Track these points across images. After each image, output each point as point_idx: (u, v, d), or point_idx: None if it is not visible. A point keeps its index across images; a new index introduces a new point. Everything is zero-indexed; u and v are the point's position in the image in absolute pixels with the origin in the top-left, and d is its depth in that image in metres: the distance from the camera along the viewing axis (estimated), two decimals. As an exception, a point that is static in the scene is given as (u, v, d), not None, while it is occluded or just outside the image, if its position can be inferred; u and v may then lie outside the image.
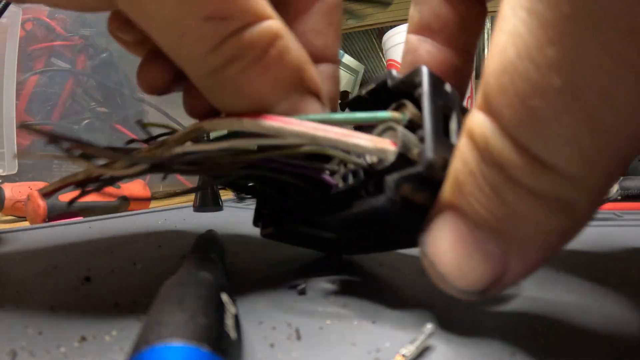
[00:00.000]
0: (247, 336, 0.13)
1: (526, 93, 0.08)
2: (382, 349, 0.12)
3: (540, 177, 0.09)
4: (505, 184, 0.09)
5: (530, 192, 0.09)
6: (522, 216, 0.09)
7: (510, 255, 0.10)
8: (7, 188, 0.50)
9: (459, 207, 0.11)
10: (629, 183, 0.47)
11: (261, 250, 0.25)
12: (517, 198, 0.09)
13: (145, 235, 0.32)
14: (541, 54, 0.08)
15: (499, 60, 0.09)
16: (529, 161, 0.09)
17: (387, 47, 0.88)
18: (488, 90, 0.09)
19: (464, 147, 0.10)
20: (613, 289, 0.17)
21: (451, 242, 0.11)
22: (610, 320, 0.14)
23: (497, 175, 0.09)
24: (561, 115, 0.08)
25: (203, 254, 0.17)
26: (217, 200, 0.49)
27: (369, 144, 0.12)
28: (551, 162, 0.09)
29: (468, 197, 0.10)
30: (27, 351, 0.12)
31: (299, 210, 0.18)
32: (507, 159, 0.09)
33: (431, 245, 0.12)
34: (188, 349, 0.09)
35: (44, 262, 0.23)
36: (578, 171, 0.09)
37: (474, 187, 0.10)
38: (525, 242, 0.10)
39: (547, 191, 0.09)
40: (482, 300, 0.11)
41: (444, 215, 0.11)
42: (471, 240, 0.10)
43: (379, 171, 0.13)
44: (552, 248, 0.10)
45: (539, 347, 0.12)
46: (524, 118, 0.08)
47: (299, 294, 0.17)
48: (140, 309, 0.16)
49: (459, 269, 0.11)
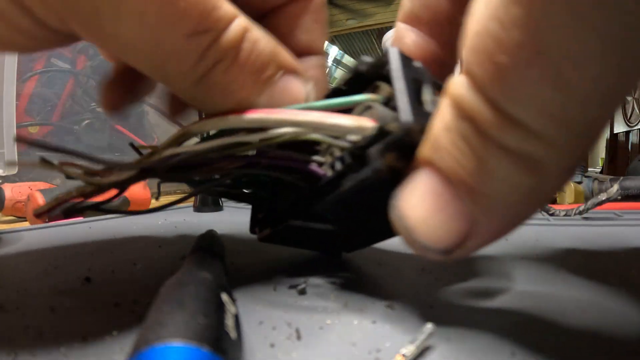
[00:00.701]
0: (247, 336, 0.13)
1: (494, 51, 0.09)
2: (382, 349, 0.12)
3: (510, 132, 0.09)
4: (477, 138, 0.10)
5: (501, 147, 0.09)
6: (491, 171, 0.10)
7: (478, 213, 0.10)
8: (7, 188, 0.50)
9: (433, 162, 0.11)
10: (629, 183, 0.47)
11: (261, 250, 0.25)
12: (488, 153, 0.09)
13: (145, 235, 0.32)
14: (507, 12, 0.08)
15: (473, 22, 0.09)
16: (499, 116, 0.09)
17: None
18: (464, 52, 0.09)
19: (443, 105, 0.10)
20: (613, 288, 0.17)
21: (422, 196, 0.11)
22: (610, 320, 0.14)
23: (470, 129, 0.10)
24: (525, 70, 0.08)
25: (203, 254, 0.17)
26: (217, 201, 0.49)
27: (349, 122, 0.13)
28: (519, 118, 0.09)
29: (442, 152, 0.10)
30: (27, 351, 0.12)
31: (293, 207, 0.18)
32: (479, 114, 0.09)
33: (402, 199, 0.12)
34: (188, 349, 0.09)
35: (44, 262, 0.23)
36: (545, 129, 0.09)
37: (448, 142, 0.10)
38: (494, 200, 0.10)
39: (516, 147, 0.09)
40: (445, 261, 0.11)
41: (419, 170, 0.11)
42: (441, 195, 0.11)
43: (361, 147, 0.14)
44: (519, 210, 0.10)
45: (539, 347, 0.12)
46: (492, 75, 0.09)
47: (299, 294, 0.17)
48: (140, 309, 0.16)
49: (426, 224, 0.11)
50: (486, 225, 0.11)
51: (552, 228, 0.33)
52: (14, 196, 0.50)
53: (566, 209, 0.38)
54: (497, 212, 0.10)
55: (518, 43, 0.08)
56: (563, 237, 0.29)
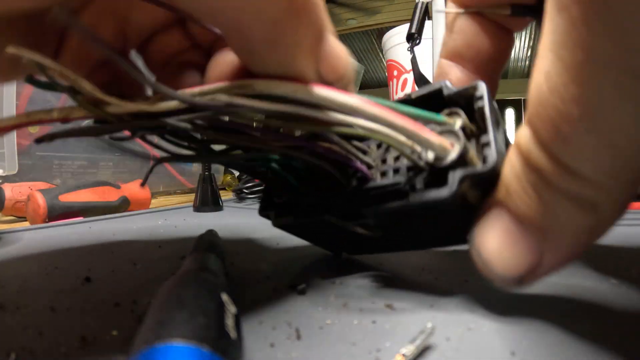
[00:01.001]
0: (247, 336, 0.13)
1: (555, 119, 0.10)
2: (382, 349, 0.12)
3: (570, 181, 0.11)
4: (543, 185, 0.11)
5: (563, 193, 0.11)
6: (556, 213, 0.12)
7: (545, 247, 0.12)
8: (7, 188, 0.50)
9: (505, 204, 0.13)
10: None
11: (261, 250, 0.25)
12: (552, 197, 0.11)
13: (145, 235, 0.32)
14: (565, 91, 0.10)
15: (537, 93, 0.11)
16: (561, 168, 0.11)
17: (387, 47, 0.88)
18: (530, 114, 0.11)
19: (512, 154, 0.12)
20: (613, 288, 0.17)
21: (496, 233, 0.13)
22: (610, 319, 0.14)
23: (537, 178, 0.12)
24: (582, 136, 0.10)
25: (203, 254, 0.17)
26: (217, 200, 0.49)
27: (436, 141, 0.14)
28: (578, 169, 0.11)
29: (513, 195, 0.12)
30: (27, 351, 0.12)
31: (327, 202, 0.18)
32: (544, 166, 0.11)
33: (479, 235, 0.14)
34: (188, 348, 0.09)
35: (44, 262, 0.23)
36: (599, 177, 0.11)
37: (518, 187, 0.12)
38: (558, 236, 0.12)
39: (576, 193, 0.11)
40: (518, 288, 0.13)
41: (493, 210, 0.13)
42: (513, 232, 0.13)
43: (440, 167, 0.14)
44: (580, 243, 0.12)
45: (538, 347, 0.12)
46: (555, 137, 0.11)
47: (299, 294, 0.17)
48: (140, 309, 0.16)
49: (500, 257, 0.13)
50: (552, 257, 0.12)
51: (552, 228, 0.33)
52: (14, 196, 0.50)
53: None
54: (562, 246, 0.12)
55: (576, 116, 0.10)
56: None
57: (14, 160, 0.53)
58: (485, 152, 0.14)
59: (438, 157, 0.14)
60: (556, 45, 0.10)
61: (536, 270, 0.12)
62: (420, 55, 0.67)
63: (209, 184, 0.49)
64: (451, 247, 0.25)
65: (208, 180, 0.49)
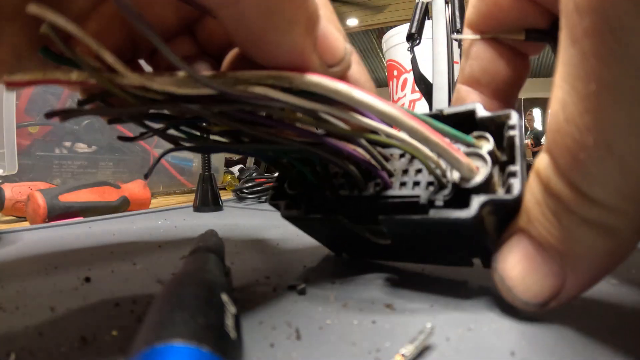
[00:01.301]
0: (247, 336, 0.13)
1: (572, 147, 0.11)
2: (382, 349, 0.12)
3: (589, 207, 0.11)
4: (562, 211, 0.12)
5: (582, 219, 0.11)
6: (576, 238, 0.12)
7: (567, 271, 0.12)
8: (7, 188, 0.50)
9: (527, 230, 0.13)
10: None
11: (261, 250, 0.25)
12: (572, 223, 0.12)
13: (145, 235, 0.32)
14: (581, 120, 0.11)
15: (554, 121, 0.11)
16: (579, 195, 0.11)
17: (387, 47, 0.88)
18: (548, 142, 0.12)
19: (532, 181, 0.13)
20: (613, 288, 0.17)
21: (519, 259, 0.13)
22: (610, 319, 0.14)
23: (556, 205, 0.12)
24: (599, 163, 0.11)
25: (203, 254, 0.17)
26: (217, 201, 0.49)
27: (464, 161, 0.14)
28: (596, 196, 0.11)
29: (534, 222, 0.13)
30: (27, 351, 0.12)
31: (341, 202, 0.18)
32: (563, 193, 0.12)
33: (502, 262, 0.14)
34: (188, 349, 0.09)
35: (44, 262, 0.23)
36: (616, 203, 0.11)
37: (538, 213, 0.13)
38: (579, 261, 0.12)
39: (595, 218, 0.11)
40: (541, 311, 0.14)
41: (514, 237, 0.14)
42: (535, 258, 0.13)
43: (464, 188, 0.14)
44: (601, 267, 0.12)
45: (538, 347, 0.12)
46: (572, 165, 0.11)
47: (299, 294, 0.17)
48: (140, 309, 0.16)
49: (523, 283, 0.13)
50: (575, 281, 0.13)
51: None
52: (14, 196, 0.50)
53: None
54: (584, 270, 0.12)
55: (592, 144, 0.10)
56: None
57: (14, 160, 0.53)
58: (511, 181, 0.14)
59: (463, 178, 0.14)
60: (570, 76, 0.11)
61: (559, 295, 0.13)
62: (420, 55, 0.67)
63: (209, 184, 0.49)
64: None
65: (208, 180, 0.49)
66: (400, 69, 0.85)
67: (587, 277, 0.13)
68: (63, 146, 0.68)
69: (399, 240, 0.18)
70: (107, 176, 0.72)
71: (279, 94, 0.13)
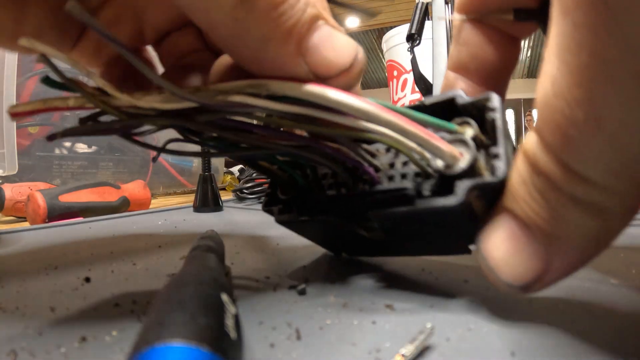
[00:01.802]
0: (247, 336, 0.13)
1: (561, 123, 0.10)
2: (382, 349, 0.12)
3: (578, 185, 0.11)
4: (550, 190, 0.11)
5: (571, 198, 0.11)
6: (564, 218, 0.11)
7: (552, 253, 0.12)
8: (7, 188, 0.50)
9: (512, 210, 0.13)
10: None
11: (261, 250, 0.25)
12: (560, 202, 0.11)
13: (145, 235, 0.32)
14: (570, 94, 0.10)
15: (542, 97, 0.11)
16: (568, 173, 0.11)
17: (387, 47, 0.88)
18: (537, 119, 0.11)
19: (519, 160, 0.12)
20: (613, 288, 0.17)
21: (503, 239, 0.13)
22: (610, 320, 0.14)
23: (544, 183, 0.11)
24: (589, 139, 0.10)
25: (203, 254, 0.17)
26: (217, 201, 0.49)
27: (447, 149, 0.14)
28: (586, 175, 0.11)
29: (520, 201, 0.12)
30: (27, 351, 0.12)
31: (332, 202, 0.18)
32: (551, 171, 0.11)
33: (485, 242, 0.13)
34: (188, 349, 0.09)
35: (44, 262, 0.23)
36: (606, 181, 0.11)
37: (525, 193, 0.12)
38: (566, 242, 0.12)
39: (584, 197, 0.11)
40: (525, 294, 0.13)
41: (499, 217, 0.13)
42: (520, 239, 0.12)
43: (448, 176, 0.14)
44: (589, 249, 0.12)
45: (538, 347, 0.12)
46: (561, 141, 0.11)
47: (299, 294, 0.17)
48: (140, 309, 0.16)
49: (507, 264, 0.13)
50: (560, 263, 0.12)
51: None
52: (14, 196, 0.50)
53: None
54: (570, 252, 0.12)
55: (582, 119, 0.10)
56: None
57: (14, 160, 0.53)
58: (495, 163, 0.14)
59: (447, 165, 0.14)
60: (561, 49, 0.10)
61: (544, 278, 0.12)
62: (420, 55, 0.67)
63: (209, 184, 0.49)
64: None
65: (208, 181, 0.49)
66: (400, 69, 0.85)
67: (574, 259, 0.12)
68: (63, 146, 0.68)
69: (393, 235, 0.18)
70: (107, 176, 0.72)
71: (257, 101, 0.13)
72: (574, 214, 0.11)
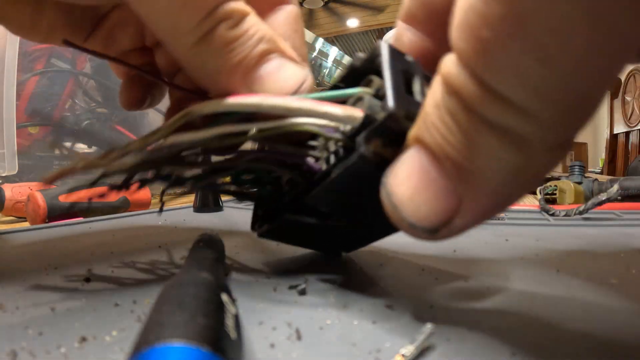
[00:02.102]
0: (247, 336, 0.13)
1: (476, 25, 0.08)
2: (382, 349, 0.12)
3: (495, 107, 0.09)
4: (463, 113, 0.09)
5: (487, 123, 0.09)
6: (478, 148, 0.10)
7: (463, 190, 0.10)
8: (8, 188, 0.50)
9: (422, 140, 0.11)
10: (629, 183, 0.47)
11: (261, 251, 0.25)
12: (474, 128, 0.09)
13: (145, 235, 0.32)
14: None
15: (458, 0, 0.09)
16: (484, 91, 0.09)
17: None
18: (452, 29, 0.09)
19: (435, 82, 0.10)
20: (613, 288, 0.17)
21: (410, 173, 0.11)
22: (610, 320, 0.14)
23: (457, 105, 0.09)
24: (507, 43, 0.08)
25: (203, 255, 0.17)
26: (217, 201, 0.49)
27: (339, 111, 0.14)
28: (503, 92, 0.09)
29: (431, 129, 0.10)
30: (27, 351, 0.12)
31: (292, 203, 0.18)
32: (465, 89, 0.09)
33: (391, 176, 0.12)
34: (188, 349, 0.09)
35: (44, 262, 0.23)
36: (529, 103, 0.09)
37: (436, 118, 0.10)
38: (480, 178, 0.10)
39: (502, 123, 0.09)
40: (432, 240, 0.11)
41: (409, 149, 0.11)
42: (429, 173, 0.11)
43: (350, 136, 0.14)
44: (504, 189, 0.10)
45: (538, 347, 0.12)
46: (476, 49, 0.09)
47: (299, 294, 0.17)
48: (140, 309, 0.16)
49: (412, 201, 0.11)
50: (472, 204, 0.10)
51: (552, 228, 0.33)
52: (14, 196, 0.50)
53: (566, 209, 0.38)
54: (484, 190, 0.10)
55: (499, 16, 0.08)
56: (563, 237, 0.29)
57: (14, 161, 0.53)
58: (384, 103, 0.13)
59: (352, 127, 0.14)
60: None
61: (453, 221, 0.11)
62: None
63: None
64: (451, 247, 0.25)
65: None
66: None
67: (488, 200, 0.10)
68: (63, 147, 0.68)
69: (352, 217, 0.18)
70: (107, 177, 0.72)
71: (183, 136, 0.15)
72: (489, 142, 0.09)
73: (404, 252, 0.24)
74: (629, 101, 2.25)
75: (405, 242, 0.27)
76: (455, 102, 0.10)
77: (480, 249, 0.26)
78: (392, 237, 0.19)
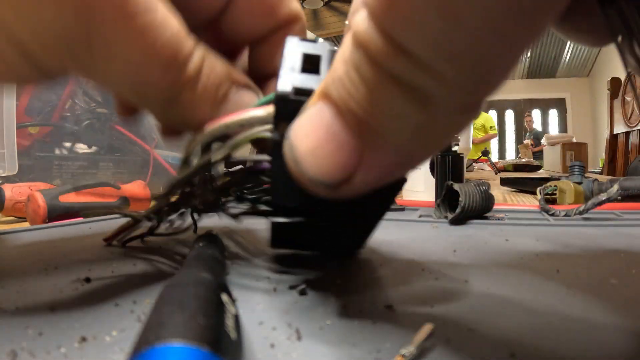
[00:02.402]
0: (247, 336, 0.13)
1: None
2: (382, 349, 0.12)
3: (400, 62, 0.09)
4: (368, 67, 0.09)
5: (391, 77, 0.09)
6: (381, 102, 0.09)
7: (365, 146, 0.10)
8: (8, 189, 0.50)
9: (328, 94, 0.11)
10: (629, 183, 0.47)
11: (261, 251, 0.25)
12: (378, 82, 0.09)
13: (145, 235, 0.32)
14: None
15: None
16: (390, 45, 0.09)
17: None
18: None
19: (344, 40, 0.10)
20: (613, 288, 0.17)
21: (313, 127, 0.11)
22: (610, 320, 0.14)
23: (363, 58, 0.09)
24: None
25: (203, 255, 0.17)
26: (217, 201, 0.49)
27: (261, 112, 0.15)
28: (409, 47, 0.08)
29: (337, 83, 0.10)
30: (27, 351, 0.12)
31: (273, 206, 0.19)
32: (371, 42, 0.09)
33: (294, 129, 0.12)
34: (188, 349, 0.09)
35: (44, 262, 0.23)
36: (434, 60, 0.08)
37: (343, 72, 0.10)
38: (382, 133, 0.10)
39: (406, 78, 0.09)
40: (334, 196, 0.11)
41: (315, 103, 0.11)
42: (332, 127, 0.11)
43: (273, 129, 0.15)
44: (409, 147, 0.10)
45: (538, 347, 0.12)
46: (384, 2, 0.08)
47: (299, 294, 0.17)
48: (140, 309, 0.16)
49: (313, 155, 0.11)
50: (374, 160, 0.10)
51: (552, 228, 0.33)
52: (14, 196, 0.50)
53: (566, 209, 0.38)
54: (385, 147, 0.10)
55: None
56: (563, 237, 0.29)
57: (14, 161, 0.53)
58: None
59: None
60: None
61: (354, 177, 0.11)
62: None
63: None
64: (451, 247, 0.25)
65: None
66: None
67: (388, 157, 0.10)
68: (63, 147, 0.68)
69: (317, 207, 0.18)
70: (107, 177, 0.72)
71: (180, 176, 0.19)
72: (392, 97, 0.09)
73: (404, 252, 0.24)
74: (629, 101, 2.25)
75: (405, 242, 0.27)
76: (362, 56, 0.09)
77: (480, 248, 0.26)
78: (392, 237, 0.19)
